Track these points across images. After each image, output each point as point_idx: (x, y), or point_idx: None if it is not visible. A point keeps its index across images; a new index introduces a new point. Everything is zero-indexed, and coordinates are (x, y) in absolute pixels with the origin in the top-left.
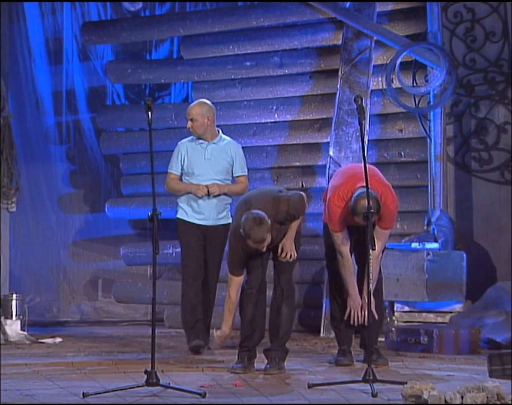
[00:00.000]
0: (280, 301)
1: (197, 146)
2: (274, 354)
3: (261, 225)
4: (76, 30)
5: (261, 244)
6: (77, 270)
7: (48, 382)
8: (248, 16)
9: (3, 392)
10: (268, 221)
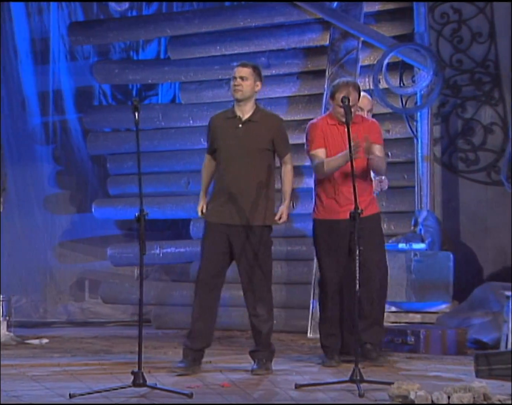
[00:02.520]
0: (253, 302)
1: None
2: (261, 355)
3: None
4: (63, 30)
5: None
6: (64, 271)
7: (34, 383)
8: (235, 16)
9: None
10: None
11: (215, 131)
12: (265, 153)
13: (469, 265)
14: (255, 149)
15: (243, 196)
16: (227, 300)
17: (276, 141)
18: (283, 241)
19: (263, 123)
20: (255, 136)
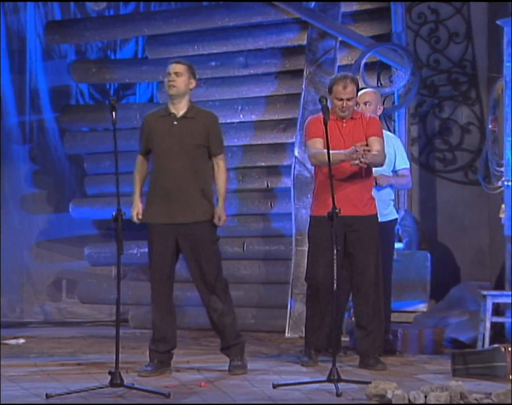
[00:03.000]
0: (208, 297)
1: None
2: (234, 351)
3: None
4: (40, 29)
5: None
6: (41, 271)
7: (10, 383)
8: (213, 16)
9: None
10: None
11: (150, 130)
12: (202, 149)
13: (446, 264)
14: (192, 145)
15: (183, 194)
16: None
17: (210, 138)
18: (261, 241)
19: (198, 119)
20: (191, 132)
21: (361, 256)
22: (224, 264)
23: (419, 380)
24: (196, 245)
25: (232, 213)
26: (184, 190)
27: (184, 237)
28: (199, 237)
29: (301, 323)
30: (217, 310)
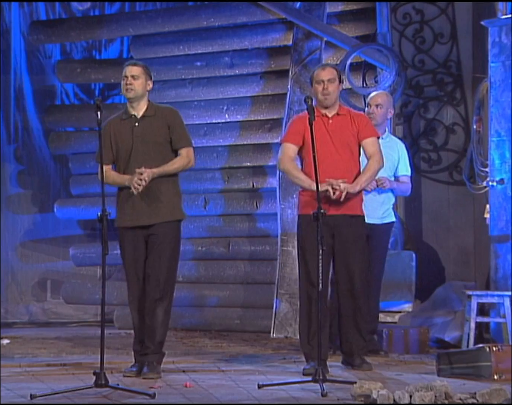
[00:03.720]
0: (154, 303)
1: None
2: (152, 358)
3: None
4: (24, 29)
5: None
6: (26, 271)
7: None
8: (199, 16)
9: None
10: None
11: (114, 135)
12: (165, 146)
13: (432, 264)
14: (155, 143)
15: (147, 195)
16: (190, 300)
17: (173, 133)
18: (246, 241)
19: (158, 117)
20: (153, 130)
21: (347, 255)
22: (209, 264)
23: (404, 380)
24: (159, 246)
25: (218, 213)
26: (149, 191)
27: (153, 238)
28: (163, 237)
29: (287, 323)
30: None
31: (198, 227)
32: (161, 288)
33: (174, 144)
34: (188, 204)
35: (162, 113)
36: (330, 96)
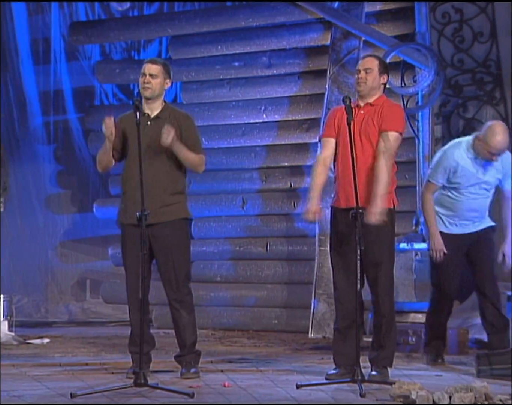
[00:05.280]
0: (176, 305)
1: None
2: (188, 358)
3: None
4: (64, 30)
5: None
6: (65, 271)
7: (35, 382)
8: (237, 16)
9: None
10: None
11: (124, 131)
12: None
13: None
14: (161, 145)
15: (153, 195)
16: (228, 300)
17: (185, 140)
18: (284, 241)
19: (171, 119)
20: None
21: (371, 250)
22: (247, 264)
23: (444, 381)
24: (167, 245)
25: (256, 213)
26: (156, 190)
27: (157, 237)
28: (171, 237)
29: (325, 323)
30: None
31: (236, 227)
32: (176, 289)
33: (188, 149)
34: (226, 204)
35: (175, 117)
36: (364, 85)
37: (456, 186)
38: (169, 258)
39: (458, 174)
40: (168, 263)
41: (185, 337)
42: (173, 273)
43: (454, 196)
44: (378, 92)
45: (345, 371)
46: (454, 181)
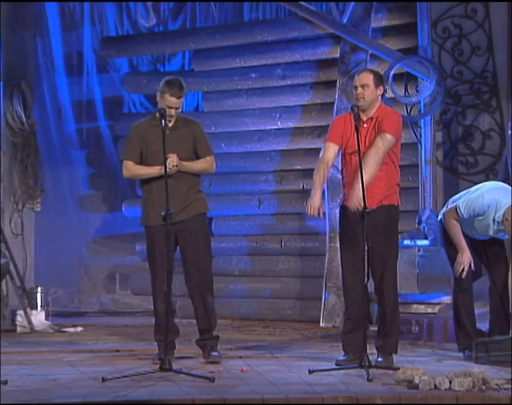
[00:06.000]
0: (203, 293)
1: None
2: (212, 342)
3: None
4: (95, 44)
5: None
6: (97, 265)
7: (70, 367)
8: (254, 31)
9: (30, 376)
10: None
11: (143, 138)
12: (191, 154)
13: None
14: (182, 151)
15: (178, 196)
16: (246, 292)
17: (197, 144)
18: (297, 238)
19: (186, 128)
20: (181, 141)
21: (377, 245)
22: (263, 259)
23: (444, 367)
24: (191, 239)
25: (271, 213)
26: (178, 192)
27: (181, 234)
28: (193, 231)
29: (334, 313)
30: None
31: (253, 225)
32: (204, 278)
33: (200, 153)
34: (244, 204)
35: (188, 125)
36: (363, 100)
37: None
38: (195, 250)
39: (479, 221)
40: (194, 254)
41: (210, 320)
42: (198, 263)
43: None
44: (377, 103)
45: (354, 357)
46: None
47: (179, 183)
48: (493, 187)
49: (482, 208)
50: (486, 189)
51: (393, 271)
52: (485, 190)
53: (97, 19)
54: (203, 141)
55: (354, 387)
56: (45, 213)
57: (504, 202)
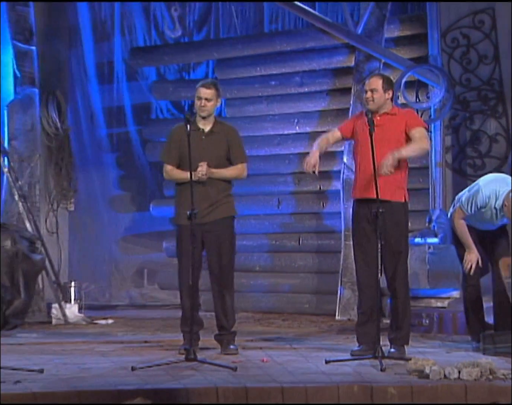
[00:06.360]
0: (222, 292)
1: None
2: (228, 337)
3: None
4: (125, 54)
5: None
6: (126, 261)
7: (101, 357)
8: (273, 42)
9: (65, 365)
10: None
11: (181, 142)
12: (225, 159)
13: None
14: (216, 156)
15: (209, 197)
16: (266, 287)
17: (231, 149)
18: (314, 236)
19: (221, 134)
20: (215, 146)
21: (389, 242)
22: (282, 256)
23: (454, 357)
24: (216, 240)
25: (289, 212)
26: (209, 194)
27: (209, 234)
28: (219, 232)
29: (349, 307)
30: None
31: (273, 224)
32: (225, 278)
33: (232, 159)
34: (264, 204)
35: (224, 131)
36: (372, 103)
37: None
38: (218, 251)
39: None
40: (217, 255)
41: (227, 318)
42: (220, 264)
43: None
44: (386, 106)
45: (368, 348)
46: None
47: (208, 187)
48: (490, 179)
49: (483, 201)
50: (483, 183)
51: (404, 267)
52: (482, 184)
53: (127, 30)
54: (236, 148)
55: (368, 377)
56: (78, 212)
57: (501, 190)
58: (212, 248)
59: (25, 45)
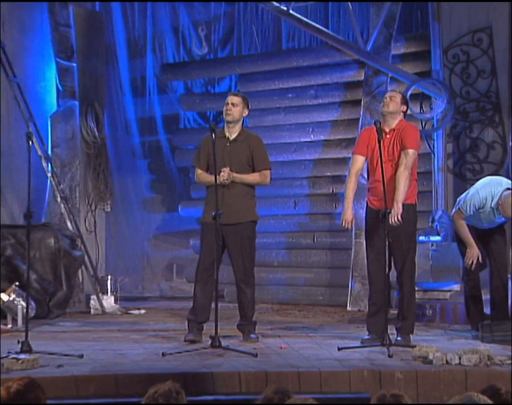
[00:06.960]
0: (243, 286)
1: None
2: (249, 327)
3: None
4: (156, 70)
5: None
6: (157, 257)
7: (135, 344)
8: (290, 58)
9: (102, 351)
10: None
11: (209, 149)
12: (247, 166)
13: None
14: (239, 163)
15: (232, 201)
16: (284, 281)
17: (254, 157)
18: (328, 234)
19: (246, 142)
20: (239, 153)
21: (399, 240)
22: (298, 252)
23: (455, 345)
24: (238, 240)
25: (305, 213)
26: (233, 198)
27: (230, 234)
28: (241, 234)
29: (360, 299)
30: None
31: (290, 223)
32: (246, 275)
33: (256, 166)
34: (282, 205)
35: (248, 139)
36: (387, 107)
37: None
38: (240, 251)
39: (482, 213)
40: (239, 254)
41: (247, 310)
42: (242, 263)
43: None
44: (399, 117)
45: (376, 337)
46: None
47: (231, 190)
48: (485, 182)
49: (480, 202)
50: (480, 186)
51: (411, 263)
52: (479, 187)
53: (158, 48)
54: (259, 155)
55: (377, 362)
56: (113, 213)
57: (496, 191)
58: (234, 248)
59: (66, 62)
